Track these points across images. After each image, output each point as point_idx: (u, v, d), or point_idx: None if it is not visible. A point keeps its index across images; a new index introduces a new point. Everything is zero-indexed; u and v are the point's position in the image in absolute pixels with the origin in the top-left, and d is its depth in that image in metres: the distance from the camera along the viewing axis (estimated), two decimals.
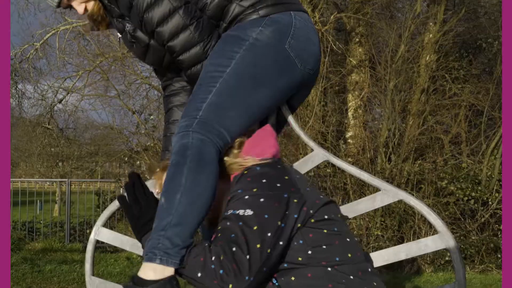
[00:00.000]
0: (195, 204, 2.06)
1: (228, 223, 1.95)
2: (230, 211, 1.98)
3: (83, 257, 2.97)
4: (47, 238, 11.60)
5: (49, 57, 16.33)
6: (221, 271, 1.86)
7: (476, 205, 9.34)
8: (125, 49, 11.78)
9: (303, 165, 2.66)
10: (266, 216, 1.92)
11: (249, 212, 1.93)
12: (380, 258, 2.54)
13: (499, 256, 9.14)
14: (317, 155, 2.64)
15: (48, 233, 11.96)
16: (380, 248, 8.25)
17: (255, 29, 2.34)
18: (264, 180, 2.02)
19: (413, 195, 8.88)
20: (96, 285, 2.94)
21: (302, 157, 2.69)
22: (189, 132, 2.17)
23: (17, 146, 24.29)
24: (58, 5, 2.58)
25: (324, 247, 1.97)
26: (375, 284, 2.00)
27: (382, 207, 8.71)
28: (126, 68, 13.80)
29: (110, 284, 2.97)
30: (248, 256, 1.86)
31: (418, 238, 8.04)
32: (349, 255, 1.99)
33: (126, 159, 14.21)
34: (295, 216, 1.96)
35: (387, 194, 2.51)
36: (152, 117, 13.00)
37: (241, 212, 1.94)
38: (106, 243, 2.98)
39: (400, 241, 9.14)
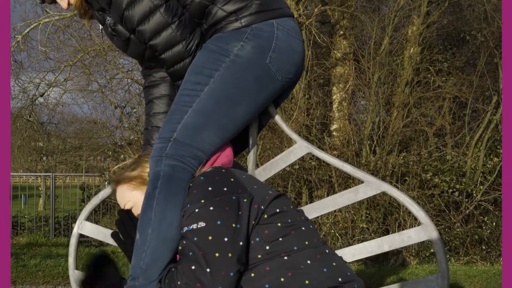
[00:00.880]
0: (166, 237, 2.08)
1: (184, 242, 1.97)
2: (185, 229, 1.99)
3: (68, 251, 2.96)
4: (31, 233, 11.58)
5: (30, 50, 16.20)
6: None
7: (460, 197, 9.39)
8: (107, 43, 11.75)
9: (286, 158, 2.66)
10: (218, 222, 1.94)
11: (201, 224, 1.95)
12: (364, 250, 2.54)
13: (484, 248, 9.22)
14: (300, 148, 2.64)
15: (32, 228, 11.92)
16: (365, 240, 8.28)
17: (236, 43, 2.31)
18: (210, 188, 2.03)
19: (397, 187, 8.93)
20: (80, 279, 2.93)
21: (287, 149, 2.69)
22: (162, 158, 2.20)
23: None
24: (43, 1, 2.57)
25: (281, 239, 1.98)
26: (334, 264, 2.00)
27: (367, 199, 8.78)
28: (107, 63, 13.74)
29: None
30: (208, 269, 1.88)
31: (403, 230, 8.09)
32: (306, 242, 2.01)
33: (109, 153, 14.17)
34: (248, 214, 1.98)
35: (370, 186, 2.51)
36: (134, 110, 12.95)
37: (194, 226, 1.96)
38: (91, 237, 2.97)
39: (385, 233, 9.17)
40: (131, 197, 2.31)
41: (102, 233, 2.94)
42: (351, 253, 2.55)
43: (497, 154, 9.64)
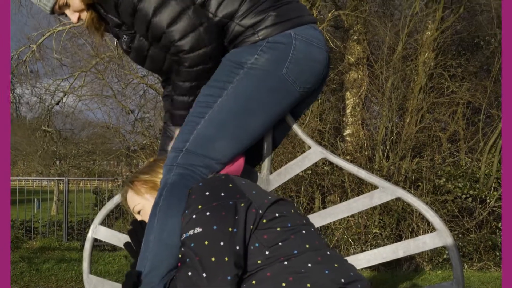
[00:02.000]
0: (167, 244, 2.09)
1: (183, 249, 1.97)
2: (183, 235, 1.99)
3: (81, 255, 2.97)
4: (45, 237, 11.59)
5: (45, 59, 16.29)
6: None
7: (474, 203, 9.34)
8: (121, 50, 11.78)
9: (300, 163, 2.65)
10: (214, 227, 1.93)
11: (198, 229, 1.94)
12: (379, 255, 2.53)
13: (497, 254, 9.15)
14: (315, 153, 2.63)
15: (46, 232, 11.95)
16: (378, 246, 8.25)
17: (250, 57, 2.31)
18: (207, 193, 2.03)
19: (410, 193, 8.89)
20: (93, 283, 2.93)
21: (300, 154, 2.68)
22: (173, 167, 2.23)
23: (15, 146, 24.31)
24: (52, 12, 2.56)
25: (280, 243, 1.96)
26: (336, 265, 1.99)
27: (380, 205, 8.75)
28: (122, 68, 13.79)
29: (107, 282, 2.97)
30: (205, 274, 1.87)
31: (416, 236, 8.02)
32: (307, 245, 1.99)
33: (121, 158, 14.24)
34: (245, 219, 1.97)
35: (385, 192, 2.50)
36: (147, 115, 12.99)
37: (191, 232, 1.95)
38: (104, 242, 2.97)
39: (398, 239, 9.14)
40: (141, 200, 2.33)
41: (116, 238, 2.95)
42: (366, 259, 2.54)
43: None
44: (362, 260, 2.53)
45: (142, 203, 2.32)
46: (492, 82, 10.16)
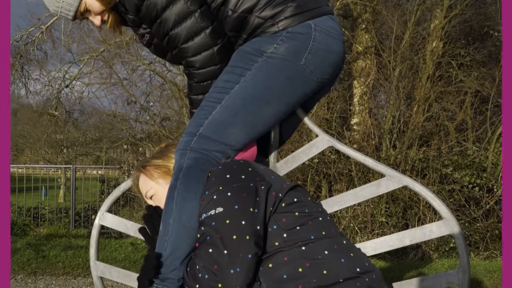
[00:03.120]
0: (186, 227, 2.10)
1: (202, 228, 1.98)
2: (203, 215, 1.99)
3: (88, 242, 2.98)
4: (52, 224, 11.65)
5: (54, 40, 16.32)
6: (206, 276, 1.89)
7: (481, 192, 9.32)
8: (129, 35, 11.76)
9: (307, 151, 2.65)
10: (236, 207, 1.94)
11: (219, 209, 1.95)
12: (385, 243, 2.53)
13: None
14: (322, 141, 2.63)
15: (53, 219, 12.00)
16: (385, 234, 8.25)
17: (270, 46, 2.32)
18: (228, 176, 2.04)
19: (417, 181, 8.88)
20: (100, 270, 2.95)
21: (307, 143, 2.67)
22: (187, 151, 2.23)
23: (22, 133, 24.37)
24: (74, 19, 2.58)
25: (298, 228, 1.98)
26: (352, 255, 2.00)
27: (386, 194, 8.74)
28: (129, 54, 13.79)
29: (114, 269, 2.98)
30: (226, 251, 1.88)
31: (423, 224, 8.05)
32: (323, 232, 2.00)
33: (125, 146, 14.27)
34: (265, 200, 1.98)
35: (392, 180, 2.50)
36: (151, 103, 12.99)
37: (212, 212, 1.96)
38: (111, 229, 2.97)
39: (405, 227, 9.14)
40: (154, 185, 2.33)
41: (123, 225, 2.95)
42: (372, 247, 2.54)
43: None
44: (368, 248, 2.53)
45: (155, 188, 2.33)
46: (500, 71, 10.11)
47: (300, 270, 1.91)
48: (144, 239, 2.34)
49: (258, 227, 1.93)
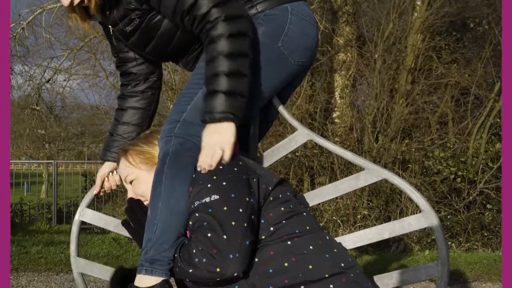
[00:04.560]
0: (175, 210, 2.09)
1: (197, 214, 1.96)
2: (196, 203, 1.98)
3: (70, 238, 2.96)
4: (34, 220, 11.59)
5: (36, 35, 16.19)
6: (204, 260, 1.87)
7: (462, 184, 9.39)
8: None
9: (287, 145, 2.64)
10: (232, 195, 1.94)
11: (215, 196, 1.94)
12: (365, 237, 2.54)
13: (485, 234, 9.22)
14: (301, 135, 2.62)
15: (35, 215, 11.94)
16: (367, 227, 8.28)
17: None
18: (220, 167, 2.04)
19: (399, 174, 8.92)
20: (81, 266, 2.93)
21: None
22: (171, 137, 2.20)
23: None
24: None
25: (284, 222, 1.99)
26: (335, 250, 2.01)
27: (369, 186, 8.77)
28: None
29: (96, 265, 2.97)
30: (225, 236, 1.87)
31: (405, 217, 8.10)
32: (307, 227, 2.01)
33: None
34: (258, 192, 2.00)
35: (371, 173, 2.50)
36: None
37: (207, 199, 1.95)
38: (93, 225, 2.96)
39: (387, 220, 9.18)
40: (135, 170, 2.31)
41: (103, 220, 2.95)
42: (352, 240, 2.55)
43: (500, 140, 9.62)
44: (348, 241, 2.54)
45: (136, 173, 2.31)
46: (482, 64, 10.16)
47: (286, 264, 1.91)
48: (128, 233, 2.32)
49: (253, 217, 1.94)
